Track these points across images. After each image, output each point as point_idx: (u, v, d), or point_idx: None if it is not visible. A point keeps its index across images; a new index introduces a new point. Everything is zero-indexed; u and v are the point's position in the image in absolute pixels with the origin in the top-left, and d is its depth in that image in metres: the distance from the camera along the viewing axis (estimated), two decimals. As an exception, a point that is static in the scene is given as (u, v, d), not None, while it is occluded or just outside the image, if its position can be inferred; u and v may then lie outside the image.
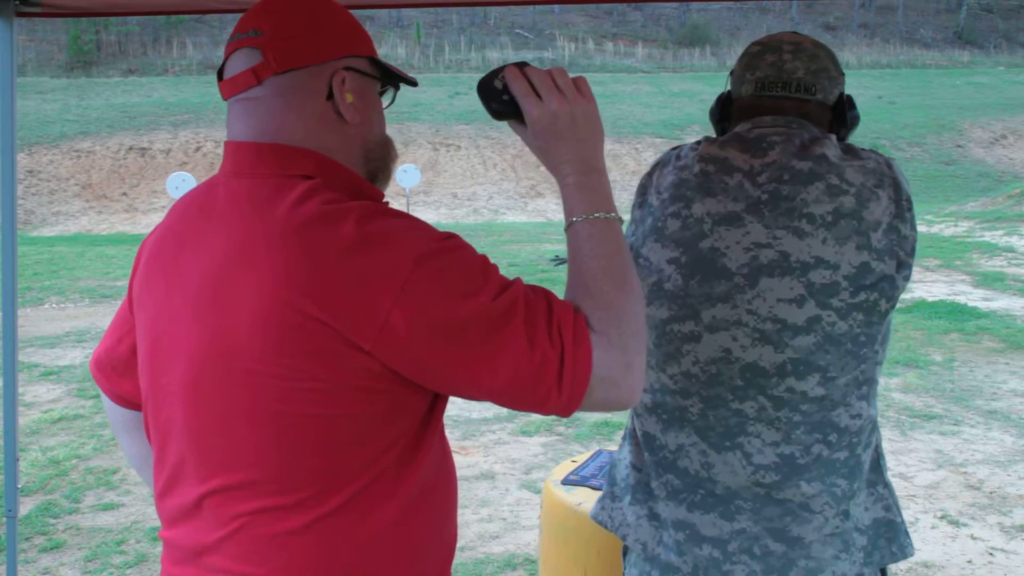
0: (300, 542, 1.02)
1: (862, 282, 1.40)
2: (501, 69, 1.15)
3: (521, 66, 1.14)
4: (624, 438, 1.63)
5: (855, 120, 1.55)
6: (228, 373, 1.02)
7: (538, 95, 1.11)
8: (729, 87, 1.60)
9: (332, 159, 1.09)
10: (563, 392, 0.99)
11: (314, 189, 1.03)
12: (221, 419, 1.04)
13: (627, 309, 1.04)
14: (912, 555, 1.51)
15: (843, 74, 1.54)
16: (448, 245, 1.01)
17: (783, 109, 1.49)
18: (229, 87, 1.11)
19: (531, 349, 0.98)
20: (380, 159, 1.17)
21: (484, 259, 1.03)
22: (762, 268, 1.41)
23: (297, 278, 0.97)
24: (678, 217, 1.47)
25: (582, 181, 1.10)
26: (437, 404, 1.09)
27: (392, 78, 1.18)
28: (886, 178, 1.43)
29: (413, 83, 1.21)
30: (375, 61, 1.15)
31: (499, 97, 1.14)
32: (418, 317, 0.97)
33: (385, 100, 1.21)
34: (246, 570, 1.03)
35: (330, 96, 1.10)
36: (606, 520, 1.58)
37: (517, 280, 1.04)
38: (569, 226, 1.10)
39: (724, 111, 1.60)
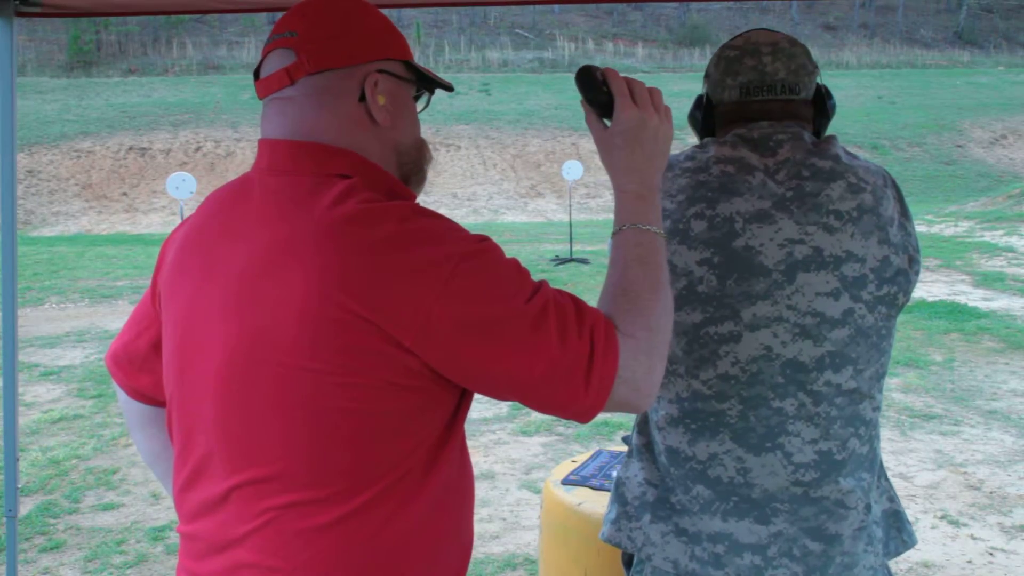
0: (327, 538, 1.03)
1: (884, 275, 1.43)
2: (595, 67, 1.21)
3: None
4: (630, 456, 1.59)
5: (833, 108, 1.57)
6: (263, 367, 1.02)
7: (633, 99, 1.17)
8: (705, 91, 1.60)
9: (368, 159, 1.11)
10: (590, 391, 1.02)
11: (352, 188, 1.05)
12: (254, 412, 1.04)
13: (660, 316, 1.08)
14: (916, 542, 1.53)
15: (817, 67, 1.56)
16: (486, 247, 1.04)
17: (771, 112, 1.50)
18: (264, 86, 1.13)
19: (563, 348, 1.01)
20: (413, 161, 1.18)
21: (516, 262, 1.06)
22: (798, 263, 1.42)
23: (339, 275, 0.98)
24: (702, 218, 1.46)
25: (643, 193, 1.16)
26: (462, 404, 1.10)
27: (427, 82, 1.19)
28: (888, 178, 1.49)
29: (449, 88, 1.21)
30: (410, 65, 1.16)
31: (599, 87, 1.20)
32: (459, 314, 0.98)
33: (420, 104, 1.22)
34: (272, 564, 1.03)
35: (363, 98, 1.11)
36: (624, 541, 1.53)
37: (545, 282, 1.06)
38: (619, 230, 1.14)
39: (707, 115, 1.60)
